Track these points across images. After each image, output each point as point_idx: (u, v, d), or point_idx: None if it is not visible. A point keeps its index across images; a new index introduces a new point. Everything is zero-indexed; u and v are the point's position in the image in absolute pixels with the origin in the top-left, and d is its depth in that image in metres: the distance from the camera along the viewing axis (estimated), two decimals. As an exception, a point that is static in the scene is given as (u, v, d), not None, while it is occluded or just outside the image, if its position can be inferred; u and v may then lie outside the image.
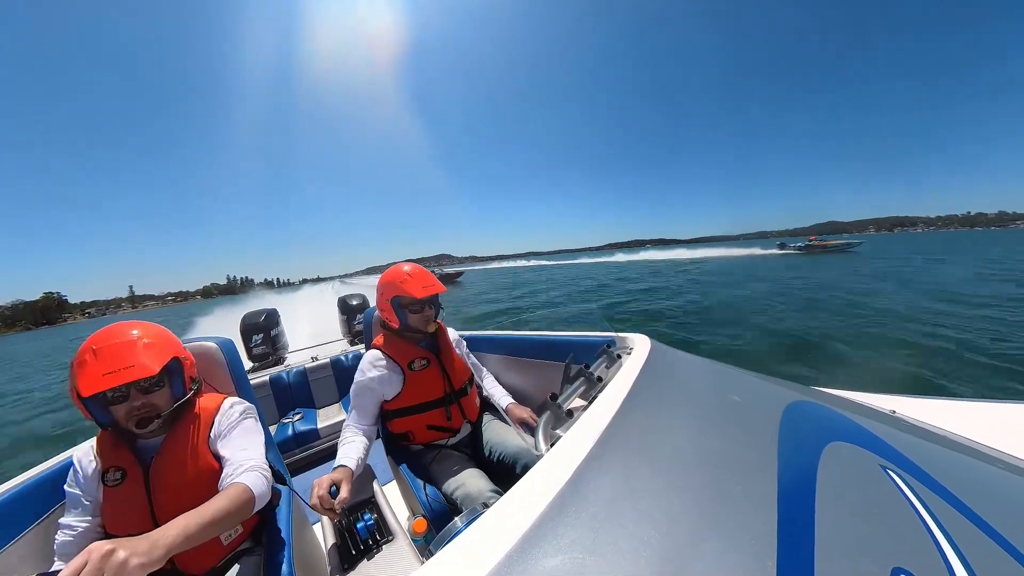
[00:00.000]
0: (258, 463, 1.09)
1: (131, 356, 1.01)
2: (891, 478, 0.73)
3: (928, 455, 0.92)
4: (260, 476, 1.04)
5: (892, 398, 1.54)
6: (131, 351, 1.02)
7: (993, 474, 0.93)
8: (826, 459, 0.73)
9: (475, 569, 0.44)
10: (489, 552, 0.46)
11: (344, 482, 1.16)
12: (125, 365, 0.99)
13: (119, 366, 0.98)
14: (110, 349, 1.00)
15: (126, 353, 1.01)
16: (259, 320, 3.77)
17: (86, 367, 0.97)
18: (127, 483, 1.05)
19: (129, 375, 0.98)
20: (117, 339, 1.03)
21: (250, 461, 1.09)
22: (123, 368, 0.98)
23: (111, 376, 0.96)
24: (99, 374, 0.96)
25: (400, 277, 1.52)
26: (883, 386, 2.31)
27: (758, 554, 0.49)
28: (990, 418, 1.34)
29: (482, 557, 0.45)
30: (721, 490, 0.61)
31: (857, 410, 1.14)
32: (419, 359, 1.56)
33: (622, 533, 0.50)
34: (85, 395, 0.94)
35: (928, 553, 0.56)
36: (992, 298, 10.21)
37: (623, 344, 1.43)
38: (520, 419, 1.63)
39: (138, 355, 1.02)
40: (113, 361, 0.98)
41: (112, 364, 0.98)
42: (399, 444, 1.66)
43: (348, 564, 1.07)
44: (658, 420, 0.80)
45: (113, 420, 1.04)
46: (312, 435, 2.82)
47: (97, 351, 0.99)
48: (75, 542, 1.01)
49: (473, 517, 0.77)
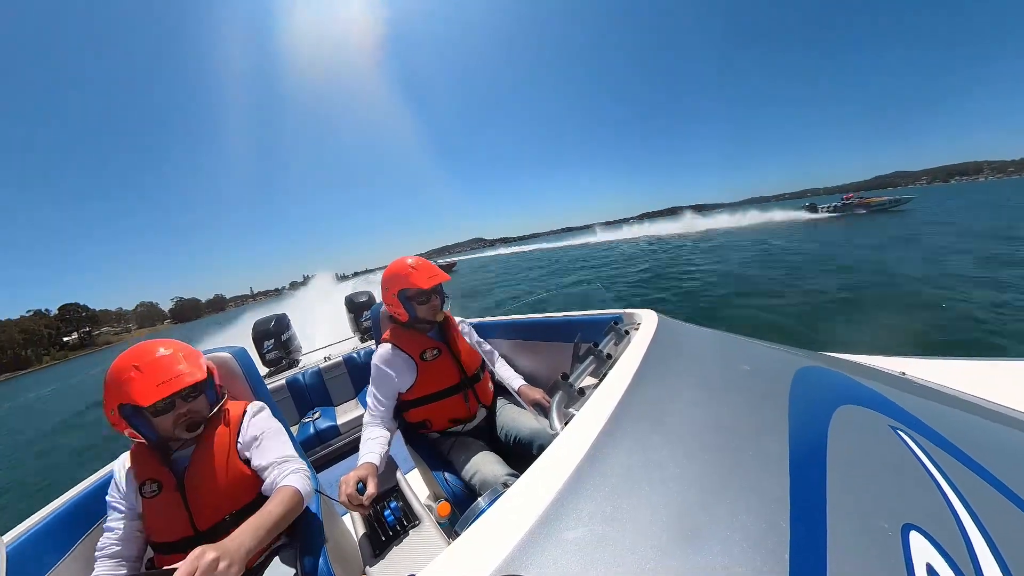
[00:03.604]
0: (299, 464, 1.19)
1: (176, 366, 1.09)
2: (901, 438, 0.74)
3: (938, 415, 0.93)
4: (304, 476, 1.14)
5: (902, 360, 1.53)
6: (174, 362, 1.10)
7: (1003, 432, 0.94)
8: (836, 422, 0.75)
9: (500, 545, 0.45)
10: (513, 528, 0.47)
11: (370, 478, 1.20)
12: (174, 375, 1.06)
13: (169, 376, 1.06)
14: (154, 363, 1.07)
15: (171, 364, 1.09)
16: (269, 326, 3.83)
17: (135, 382, 1.03)
18: (164, 494, 1.10)
19: (181, 382, 1.06)
20: (155, 354, 1.10)
21: (291, 463, 1.18)
22: (174, 377, 1.06)
23: (164, 385, 1.03)
24: (152, 385, 1.03)
25: (405, 270, 1.53)
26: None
27: (772, 515, 0.50)
28: (1000, 376, 1.33)
29: (506, 534, 0.47)
30: (734, 456, 0.62)
31: (866, 373, 1.14)
32: (430, 349, 1.58)
33: (639, 503, 0.51)
34: (144, 404, 1.01)
35: (939, 510, 0.57)
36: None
37: (631, 320, 1.43)
38: (533, 400, 1.65)
39: (182, 364, 1.10)
40: (162, 372, 1.06)
41: (162, 375, 1.05)
42: (417, 433, 1.69)
43: (379, 551, 1.11)
44: (669, 392, 0.81)
45: (157, 433, 1.10)
46: (332, 432, 2.90)
47: (140, 367, 1.05)
48: (117, 545, 1.08)
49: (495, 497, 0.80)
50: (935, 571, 0.47)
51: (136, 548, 1.11)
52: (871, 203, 32.47)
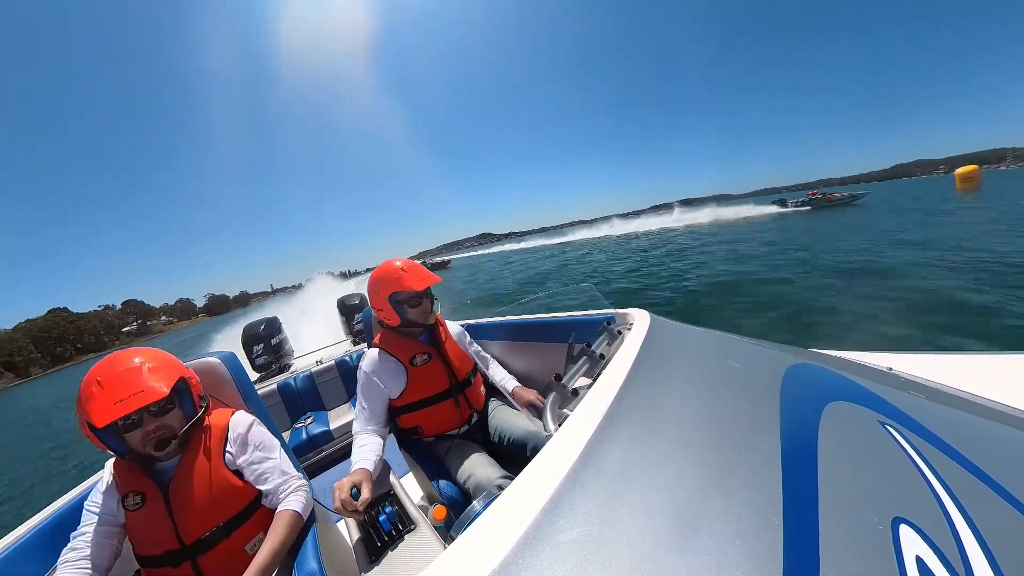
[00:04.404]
0: (297, 481, 1.20)
1: (138, 382, 1.01)
2: (890, 433, 0.75)
3: (924, 409, 0.95)
4: (303, 494, 1.16)
5: (888, 355, 1.57)
6: (137, 377, 1.02)
7: (987, 424, 0.96)
8: (827, 418, 0.76)
9: (497, 548, 0.45)
10: (509, 530, 0.47)
11: (364, 483, 1.18)
12: (135, 391, 0.99)
13: (128, 393, 0.98)
14: (116, 378, 1.00)
15: (133, 379, 1.01)
16: (259, 330, 3.78)
17: (94, 399, 0.97)
18: (148, 506, 1.07)
19: (140, 400, 0.98)
20: (120, 367, 1.03)
21: (289, 481, 1.18)
22: (133, 394, 0.98)
23: (122, 404, 0.96)
24: (109, 403, 0.96)
25: (395, 273, 1.51)
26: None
27: (765, 510, 0.51)
28: (983, 370, 1.37)
29: (503, 536, 0.47)
30: (727, 453, 0.63)
31: (854, 370, 1.16)
32: (420, 354, 1.56)
33: (635, 502, 0.52)
34: (99, 425, 0.95)
35: (927, 503, 0.58)
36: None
37: (623, 320, 1.44)
38: (527, 402, 1.65)
39: (145, 380, 1.02)
40: (121, 389, 0.98)
41: (121, 392, 0.98)
42: (410, 438, 1.68)
43: (375, 556, 1.09)
44: (662, 391, 0.81)
45: (129, 448, 1.05)
46: (325, 437, 2.87)
47: (102, 382, 0.99)
48: (87, 548, 1.02)
49: (490, 499, 0.79)
50: (925, 564, 0.48)
51: (107, 558, 1.06)
52: (832, 198, 35.64)
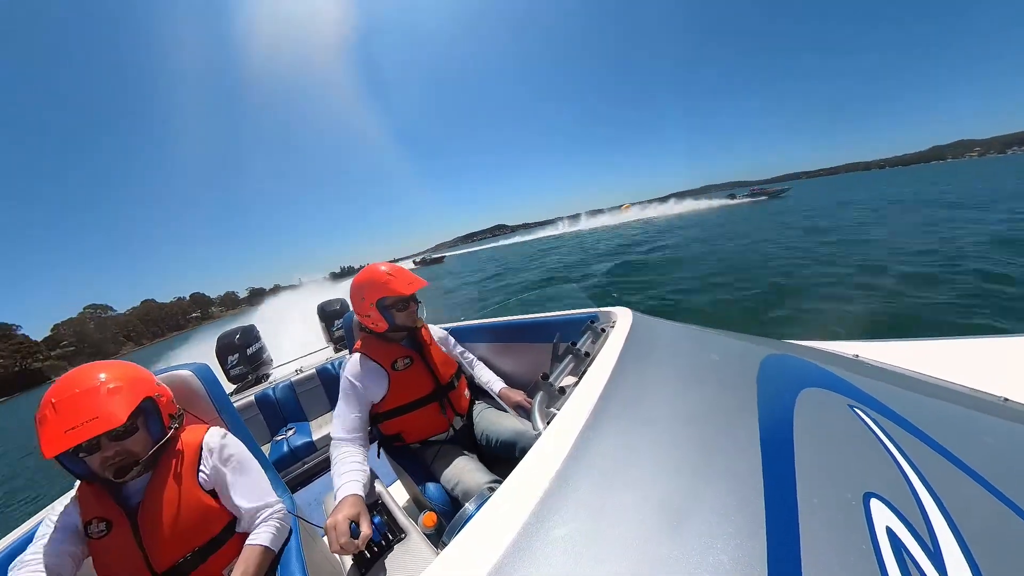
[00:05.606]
0: (269, 509, 1.14)
1: (94, 406, 0.92)
2: (858, 416, 0.79)
3: (889, 393, 1.01)
4: (274, 525, 1.11)
5: (854, 344, 1.67)
6: (93, 400, 0.93)
7: (945, 405, 1.03)
8: (800, 404, 0.80)
9: (491, 549, 0.45)
10: (503, 530, 0.48)
11: (362, 516, 1.08)
12: (88, 418, 0.90)
13: (81, 420, 0.89)
14: (70, 401, 0.91)
15: (88, 403, 0.92)
16: (233, 340, 3.61)
17: (46, 424, 0.89)
18: (114, 533, 1.00)
19: (93, 428, 0.89)
20: (78, 388, 0.94)
21: (261, 510, 1.13)
22: (86, 421, 0.90)
23: (73, 433, 0.88)
24: (60, 431, 0.88)
25: (383, 277, 1.48)
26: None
27: (747, 494, 0.54)
28: (940, 354, 1.48)
29: (497, 536, 0.47)
30: (710, 442, 0.65)
31: (824, 358, 1.22)
32: (402, 358, 1.53)
33: (624, 494, 0.53)
34: (48, 456, 0.86)
35: (895, 479, 0.62)
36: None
37: (607, 318, 1.46)
38: (514, 403, 1.65)
39: (102, 404, 0.93)
40: (74, 415, 0.90)
41: (73, 419, 0.89)
42: (395, 444, 1.65)
43: (364, 569, 1.07)
44: (647, 385, 0.84)
45: (90, 471, 0.97)
46: (308, 448, 2.78)
47: (56, 404, 0.90)
48: (40, 559, 0.94)
49: (482, 501, 0.80)
50: (894, 533, 0.52)
51: (68, 568, 0.97)
52: (768, 192, 45.74)
